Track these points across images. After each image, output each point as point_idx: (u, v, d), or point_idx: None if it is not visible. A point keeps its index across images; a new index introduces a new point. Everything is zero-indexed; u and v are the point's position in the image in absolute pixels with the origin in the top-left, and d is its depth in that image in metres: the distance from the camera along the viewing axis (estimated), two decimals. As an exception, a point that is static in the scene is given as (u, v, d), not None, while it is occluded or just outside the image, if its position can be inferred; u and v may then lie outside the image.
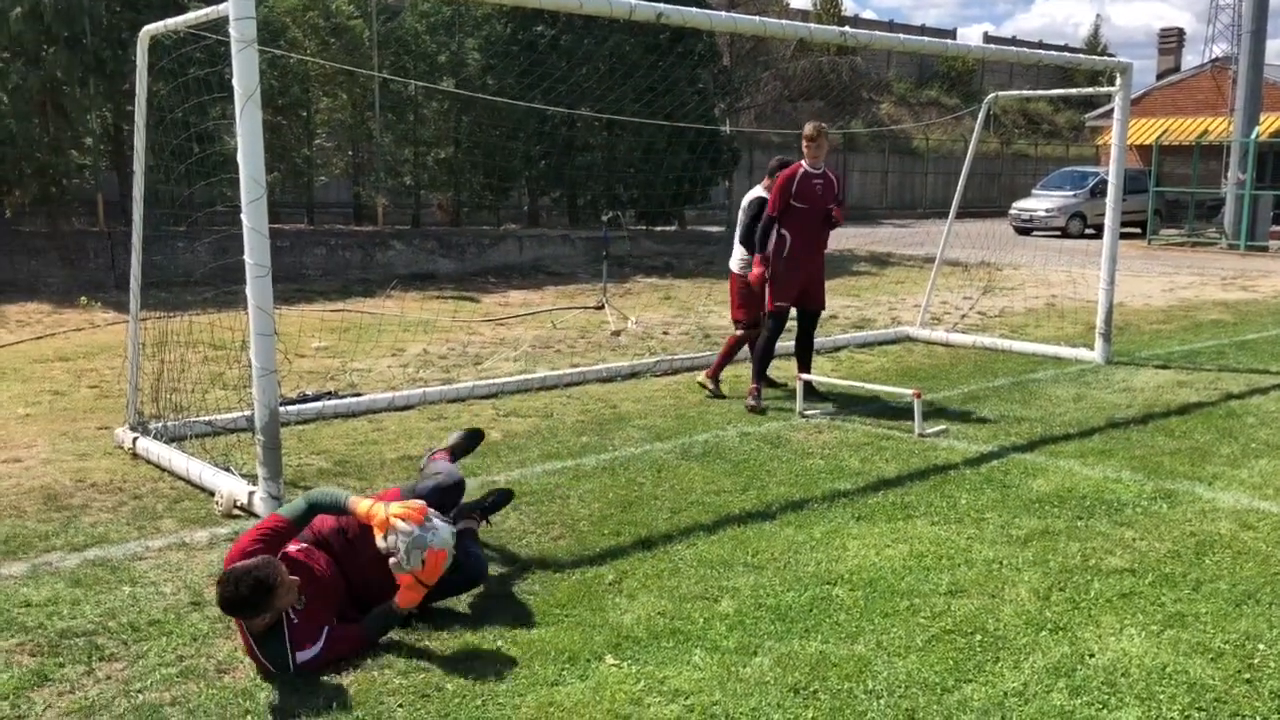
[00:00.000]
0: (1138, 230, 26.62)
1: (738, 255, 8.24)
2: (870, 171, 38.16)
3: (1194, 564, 4.68)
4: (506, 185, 20.04)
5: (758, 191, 8.15)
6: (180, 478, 5.82)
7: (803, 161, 7.72)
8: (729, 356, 8.23)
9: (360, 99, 18.57)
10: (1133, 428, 7.17)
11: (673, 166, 20.38)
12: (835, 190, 7.75)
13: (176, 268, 13.90)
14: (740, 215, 8.24)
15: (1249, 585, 4.44)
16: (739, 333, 8.24)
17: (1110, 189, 9.78)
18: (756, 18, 8.51)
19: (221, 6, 5.16)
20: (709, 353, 9.76)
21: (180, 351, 7.61)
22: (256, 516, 5.15)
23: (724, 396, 8.01)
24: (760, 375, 7.80)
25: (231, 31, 4.94)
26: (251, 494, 5.22)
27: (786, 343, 8.11)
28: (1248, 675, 3.70)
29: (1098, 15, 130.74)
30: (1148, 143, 28.87)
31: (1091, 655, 3.83)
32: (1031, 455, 6.47)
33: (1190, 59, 36.29)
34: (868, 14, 66.44)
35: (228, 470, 5.66)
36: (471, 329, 11.52)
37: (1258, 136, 25.02)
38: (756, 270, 7.73)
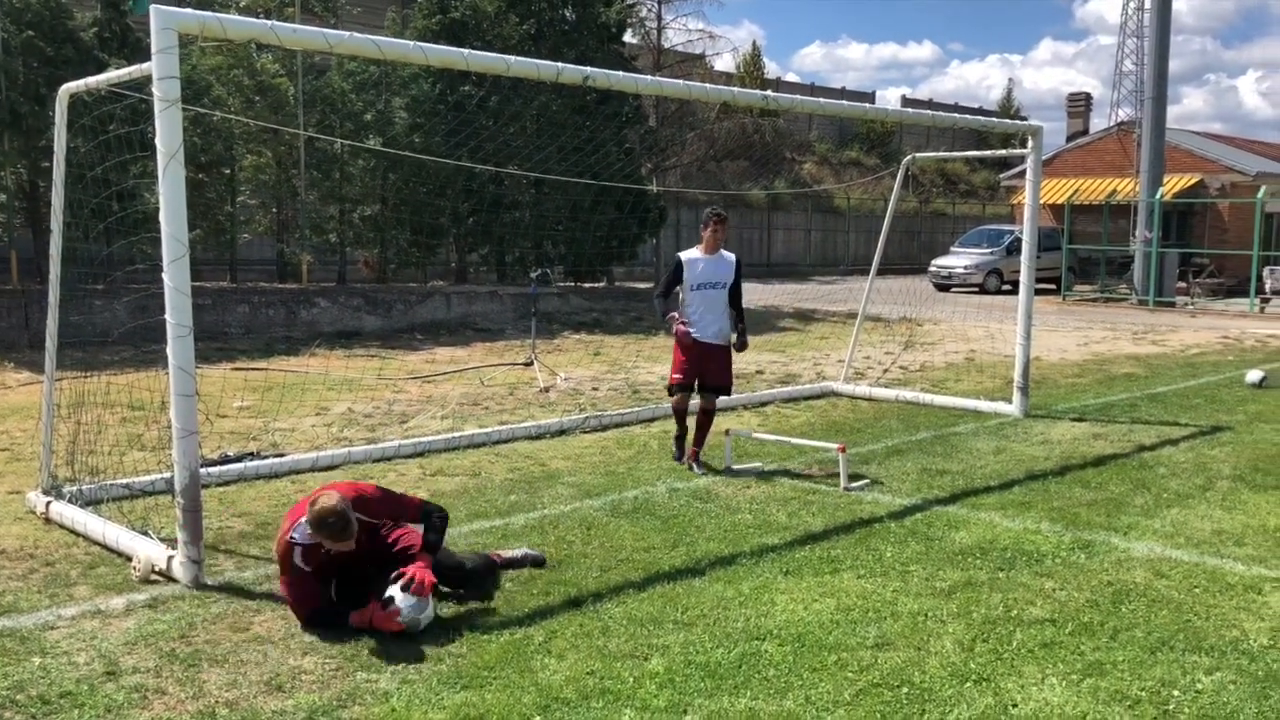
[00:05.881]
0: (1052, 286, 27.47)
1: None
2: (794, 229, 38.97)
3: (1111, 613, 4.79)
4: (434, 242, 20.01)
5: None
6: (96, 543, 5.65)
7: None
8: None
9: (285, 156, 18.45)
10: (1051, 480, 7.34)
11: (600, 224, 20.56)
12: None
13: (94, 327, 13.58)
14: None
15: (1163, 633, 4.56)
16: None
17: (1025, 247, 10.11)
18: (682, 81, 8.69)
19: (144, 66, 5.12)
20: (638, 409, 9.81)
21: (97, 412, 7.42)
22: (175, 581, 5.02)
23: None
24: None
25: (155, 91, 4.89)
26: (170, 558, 5.09)
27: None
28: (1164, 721, 3.79)
29: (1010, 79, 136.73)
30: (1060, 202, 29.89)
31: (1015, 705, 3.89)
32: (954, 508, 6.59)
33: (1098, 122, 37.74)
34: (790, 77, 67.99)
35: (146, 534, 5.51)
36: (398, 387, 11.41)
37: (1162, 197, 26.06)
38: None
